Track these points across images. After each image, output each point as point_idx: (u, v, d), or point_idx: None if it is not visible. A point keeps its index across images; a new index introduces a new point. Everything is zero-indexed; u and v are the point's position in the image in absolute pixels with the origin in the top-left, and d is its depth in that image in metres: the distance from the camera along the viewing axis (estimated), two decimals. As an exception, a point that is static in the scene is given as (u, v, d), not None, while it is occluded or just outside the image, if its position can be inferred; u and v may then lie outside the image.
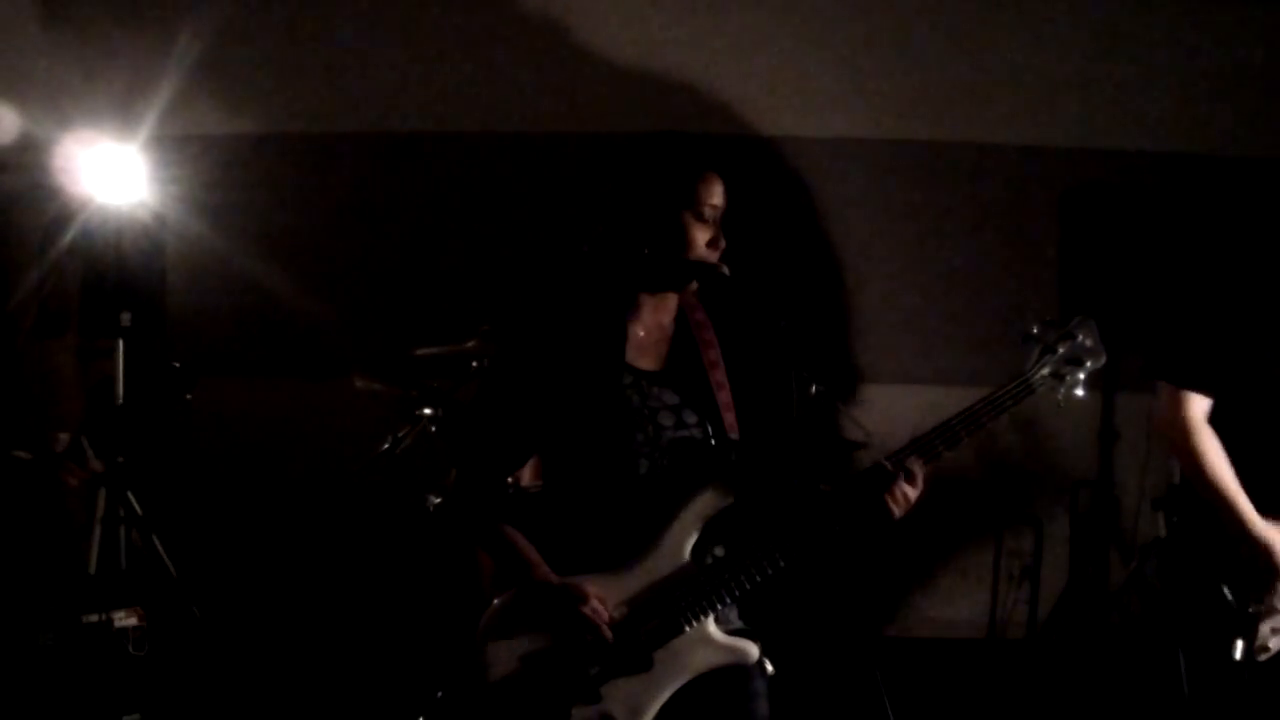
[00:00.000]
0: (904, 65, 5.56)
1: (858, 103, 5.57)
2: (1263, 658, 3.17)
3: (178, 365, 4.07)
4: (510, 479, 3.94)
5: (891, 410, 5.37)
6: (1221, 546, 3.18)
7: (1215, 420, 3.23)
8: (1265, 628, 3.16)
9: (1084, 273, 5.03)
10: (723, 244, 2.62)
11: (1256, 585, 3.15)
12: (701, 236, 2.61)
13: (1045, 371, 2.69)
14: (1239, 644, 3.13)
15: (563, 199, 5.37)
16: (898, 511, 2.55)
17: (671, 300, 2.70)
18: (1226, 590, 3.15)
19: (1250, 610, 3.14)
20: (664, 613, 2.55)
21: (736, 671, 2.60)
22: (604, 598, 2.53)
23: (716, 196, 2.61)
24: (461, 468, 2.73)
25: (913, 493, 2.56)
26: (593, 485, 2.61)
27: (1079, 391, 2.71)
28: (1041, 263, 5.27)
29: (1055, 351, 2.70)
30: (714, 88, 5.53)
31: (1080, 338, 2.71)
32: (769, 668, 2.64)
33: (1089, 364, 2.71)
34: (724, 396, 2.65)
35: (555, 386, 2.62)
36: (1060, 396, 2.70)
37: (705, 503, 2.57)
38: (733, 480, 2.58)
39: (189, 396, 4.15)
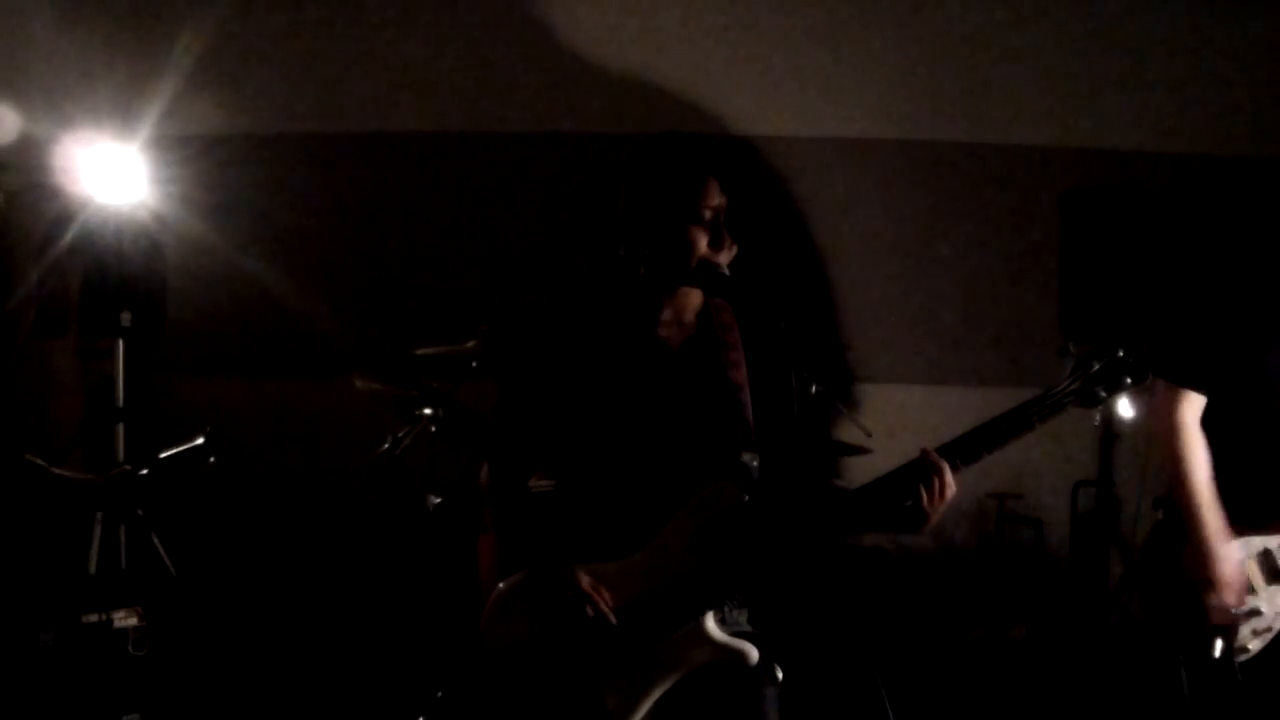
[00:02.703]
0: (904, 65, 5.56)
1: (857, 103, 5.57)
2: (1241, 658, 3.17)
3: (207, 431, 4.12)
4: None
5: (891, 410, 5.38)
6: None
7: (1207, 421, 3.24)
8: (1245, 629, 3.16)
9: (1084, 273, 5.02)
10: (728, 242, 2.62)
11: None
12: (701, 238, 2.61)
13: (1075, 387, 2.65)
14: (1218, 643, 3.13)
15: (563, 199, 5.38)
16: (931, 505, 2.52)
17: (694, 299, 2.71)
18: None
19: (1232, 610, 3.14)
20: (663, 606, 2.55)
21: (747, 678, 2.59)
22: (600, 587, 2.54)
23: (713, 197, 2.62)
24: (495, 466, 2.74)
25: (949, 490, 2.53)
26: (606, 479, 2.64)
27: (1125, 412, 2.67)
28: (1041, 263, 5.26)
29: (1090, 368, 2.65)
30: (713, 88, 5.54)
31: (1120, 354, 2.66)
32: (779, 675, 2.63)
33: (1129, 381, 2.66)
34: (743, 396, 2.65)
35: (578, 382, 2.63)
36: (1097, 418, 2.67)
37: (710, 500, 2.57)
38: (743, 478, 2.58)
39: (211, 460, 4.19)
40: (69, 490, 4.00)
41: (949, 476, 2.52)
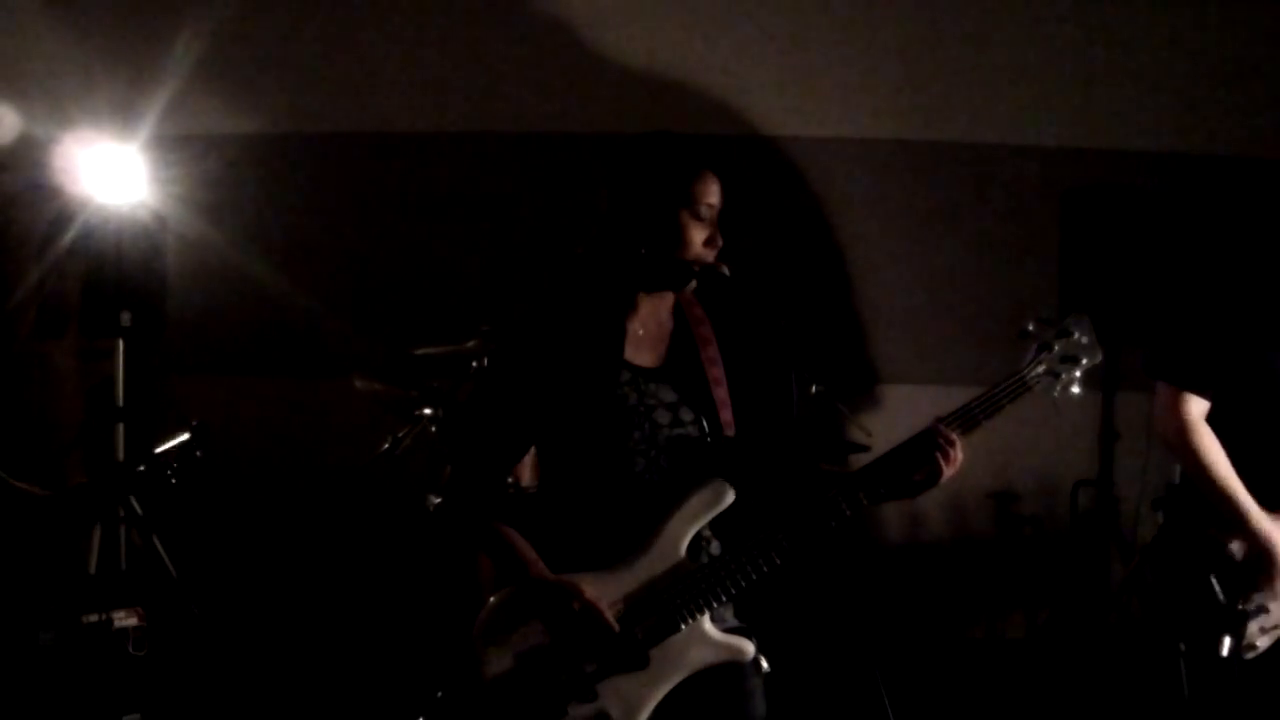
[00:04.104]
0: (904, 65, 5.56)
1: (858, 103, 5.58)
2: (1250, 655, 3.18)
3: (193, 425, 4.14)
4: (510, 479, 3.94)
5: (890, 409, 5.38)
6: (1212, 545, 3.19)
7: (1213, 420, 3.26)
8: (1253, 626, 3.17)
9: (1084, 273, 5.03)
10: (720, 242, 2.62)
11: (1247, 582, 3.17)
12: (698, 235, 2.60)
13: (1040, 369, 2.68)
14: (1226, 641, 3.14)
15: (563, 199, 5.38)
16: (947, 469, 2.56)
17: (670, 298, 2.70)
18: (1217, 587, 3.16)
19: (1239, 608, 3.15)
20: (660, 611, 2.55)
21: (732, 670, 2.60)
22: (598, 596, 2.53)
23: (713, 195, 2.61)
24: (457, 466, 2.73)
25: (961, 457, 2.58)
26: (589, 483, 2.62)
27: (1075, 389, 2.70)
28: (1041, 263, 5.26)
29: (1051, 349, 2.69)
30: (714, 88, 5.54)
31: (1076, 335, 2.70)
32: (765, 666, 2.64)
33: (1085, 361, 2.70)
34: (721, 394, 2.65)
35: (552, 384, 2.62)
36: (1056, 394, 2.70)
37: (701, 500, 2.57)
38: (729, 478, 2.58)
39: (199, 454, 4.20)
40: (28, 504, 4.02)
41: (960, 445, 2.57)
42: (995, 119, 5.56)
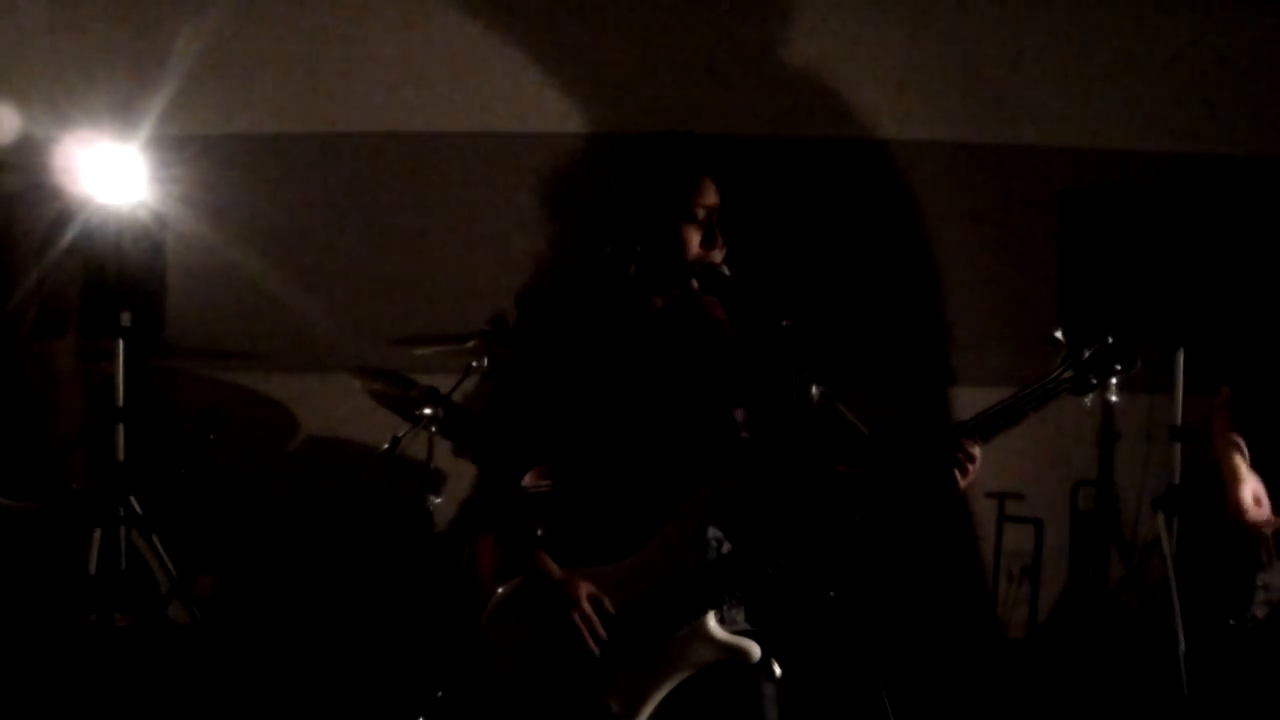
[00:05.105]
0: (904, 65, 5.56)
1: (858, 103, 5.57)
2: (1250, 626, 3.26)
3: (202, 410, 4.14)
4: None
5: (892, 409, 5.37)
6: (1221, 533, 3.28)
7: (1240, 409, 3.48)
8: (1257, 596, 3.25)
9: (1084, 273, 5.03)
10: (720, 242, 2.63)
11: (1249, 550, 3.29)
12: (694, 238, 2.61)
13: (1068, 375, 2.66)
14: (1234, 610, 3.24)
15: (563, 199, 5.38)
16: (964, 480, 2.54)
17: (689, 297, 2.71)
18: (1226, 562, 3.24)
19: (1240, 581, 3.23)
20: (664, 607, 2.56)
21: (744, 674, 2.60)
22: (600, 594, 2.55)
23: (707, 198, 2.62)
24: (484, 464, 2.75)
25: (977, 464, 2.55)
26: (601, 479, 2.64)
27: (1113, 397, 2.69)
28: (1041, 263, 5.26)
29: (1080, 355, 2.67)
30: (714, 88, 5.53)
31: (1110, 340, 2.68)
32: (777, 670, 2.64)
33: (1120, 368, 2.67)
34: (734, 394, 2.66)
35: (571, 382, 2.63)
36: (1089, 402, 2.68)
37: (710, 498, 2.58)
38: (739, 477, 2.59)
39: (213, 437, 4.20)
40: (23, 518, 4.02)
41: (977, 452, 2.54)
42: (995, 119, 5.55)
